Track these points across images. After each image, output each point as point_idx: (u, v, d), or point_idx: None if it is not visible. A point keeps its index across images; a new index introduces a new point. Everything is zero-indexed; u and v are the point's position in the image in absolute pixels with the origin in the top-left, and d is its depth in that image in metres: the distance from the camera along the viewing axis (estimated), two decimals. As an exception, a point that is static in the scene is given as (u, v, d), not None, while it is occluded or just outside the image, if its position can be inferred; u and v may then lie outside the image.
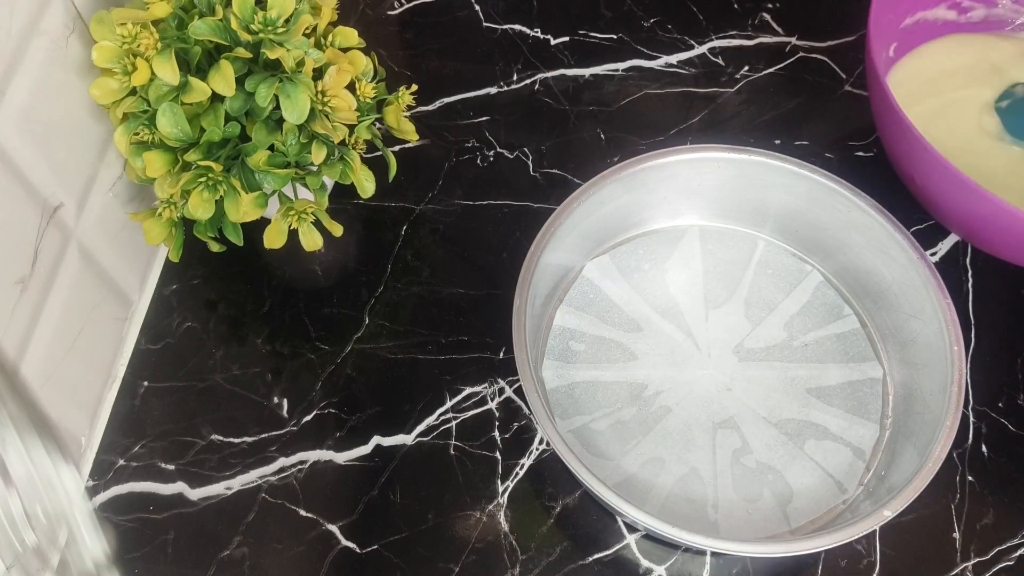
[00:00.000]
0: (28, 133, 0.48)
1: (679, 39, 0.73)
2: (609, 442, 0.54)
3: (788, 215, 0.59)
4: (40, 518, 0.44)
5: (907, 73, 0.66)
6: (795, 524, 0.51)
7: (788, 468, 0.53)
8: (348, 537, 0.53)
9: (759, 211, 0.60)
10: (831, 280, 0.59)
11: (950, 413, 0.48)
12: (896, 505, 0.46)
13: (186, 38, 0.49)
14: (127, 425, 0.56)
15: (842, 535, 0.45)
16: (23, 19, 0.46)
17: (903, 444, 0.52)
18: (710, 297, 0.59)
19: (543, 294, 0.56)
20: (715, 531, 0.51)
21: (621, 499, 0.45)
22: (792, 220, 0.59)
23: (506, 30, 0.73)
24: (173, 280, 0.62)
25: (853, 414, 0.55)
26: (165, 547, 0.53)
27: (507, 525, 0.53)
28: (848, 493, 0.52)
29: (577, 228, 0.56)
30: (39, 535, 0.44)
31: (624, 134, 0.68)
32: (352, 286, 0.61)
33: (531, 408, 0.48)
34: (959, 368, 0.50)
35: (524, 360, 0.49)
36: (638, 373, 0.57)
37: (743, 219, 0.60)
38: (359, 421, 0.56)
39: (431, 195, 0.65)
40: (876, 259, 0.56)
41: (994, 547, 0.52)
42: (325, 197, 0.55)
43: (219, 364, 0.58)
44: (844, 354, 0.57)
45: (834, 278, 0.59)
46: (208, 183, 0.50)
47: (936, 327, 0.51)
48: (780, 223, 0.60)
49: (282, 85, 0.49)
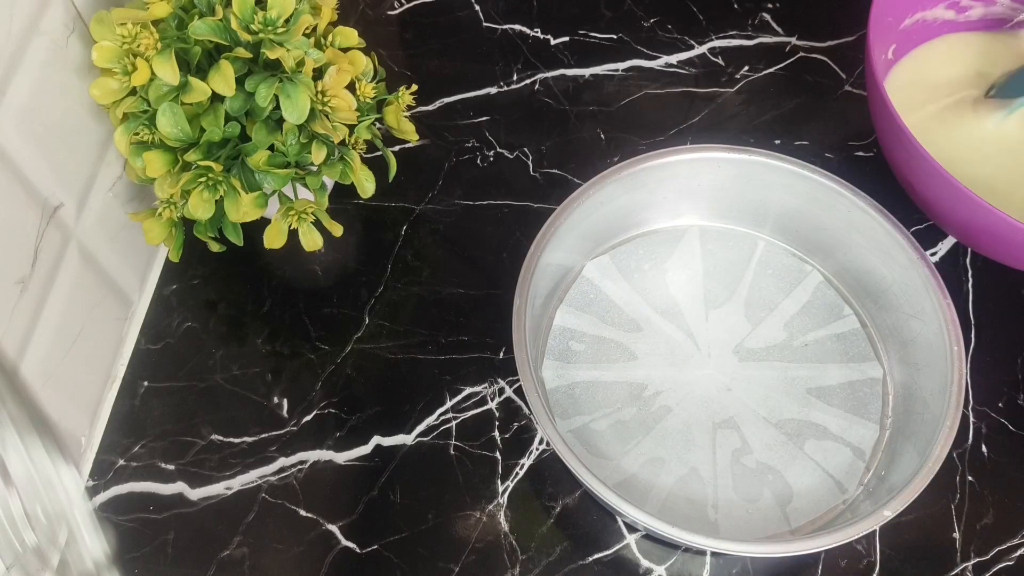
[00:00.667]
0: (28, 133, 0.48)
1: (679, 39, 0.73)
2: (609, 442, 0.54)
3: (788, 215, 0.59)
4: (40, 518, 0.44)
5: (906, 77, 0.66)
6: (795, 524, 0.51)
7: (788, 468, 0.53)
8: (348, 537, 0.53)
9: (759, 211, 0.60)
10: (831, 280, 0.59)
11: (950, 413, 0.48)
12: (896, 505, 0.46)
13: (186, 38, 0.49)
14: (127, 425, 0.56)
15: (842, 535, 0.45)
16: (23, 19, 0.46)
17: (903, 444, 0.52)
18: (710, 297, 0.59)
19: (543, 294, 0.56)
20: (715, 531, 0.51)
21: (621, 499, 0.45)
22: (792, 220, 0.59)
23: (506, 30, 0.73)
24: (173, 280, 0.62)
25: (853, 414, 0.55)
26: (165, 547, 0.53)
27: (507, 525, 0.53)
28: (848, 493, 0.52)
29: (577, 228, 0.56)
30: (39, 535, 0.44)
31: (624, 134, 0.68)
32: (352, 286, 0.61)
33: (531, 408, 0.48)
34: (959, 368, 0.50)
35: (524, 360, 0.49)
36: (638, 373, 0.57)
37: (743, 219, 0.60)
38: (359, 421, 0.56)
39: (431, 195, 0.65)
40: (876, 259, 0.56)
41: (994, 547, 0.52)
42: (325, 197, 0.55)
43: (219, 364, 0.58)
44: (844, 354, 0.57)
45: (834, 278, 0.59)
46: (208, 183, 0.50)
47: (936, 327, 0.52)
48: (780, 223, 0.60)
49: (282, 85, 0.49)
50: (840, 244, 0.58)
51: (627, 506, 0.45)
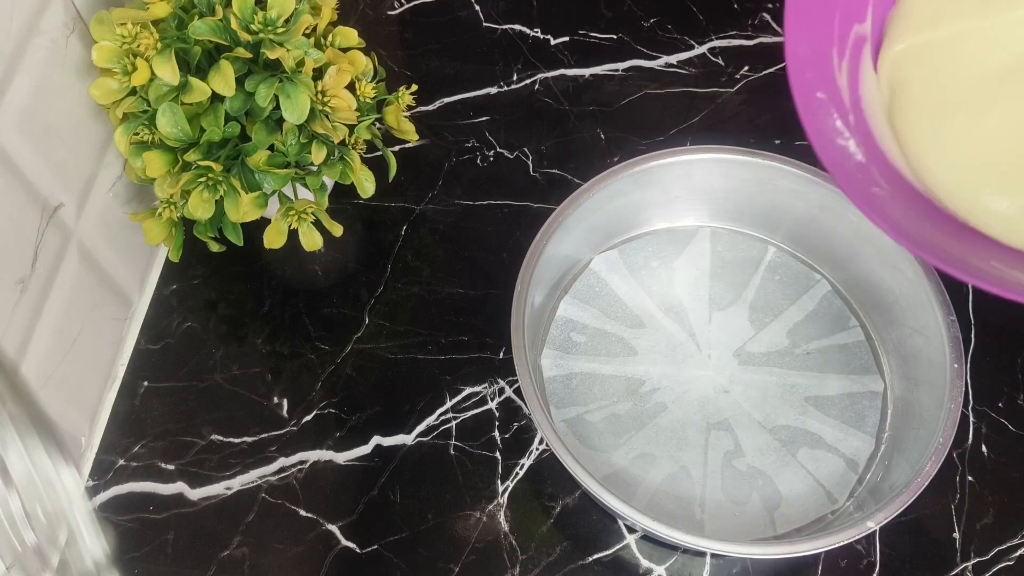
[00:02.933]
0: (28, 133, 0.48)
1: (679, 39, 0.73)
2: (602, 434, 0.54)
3: (801, 222, 0.58)
4: (40, 518, 0.45)
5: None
6: (781, 530, 0.51)
7: (779, 474, 0.53)
8: (348, 537, 0.53)
9: (772, 217, 0.59)
10: (839, 290, 0.59)
11: (945, 431, 0.48)
12: (881, 517, 0.46)
13: (186, 38, 0.49)
14: (127, 425, 0.56)
15: (823, 541, 0.45)
16: (23, 19, 0.46)
17: (898, 459, 0.52)
18: (715, 299, 0.59)
19: (549, 284, 0.56)
20: (700, 531, 0.51)
21: (605, 490, 0.46)
22: (805, 228, 0.59)
23: (506, 30, 0.73)
24: (173, 280, 0.62)
25: (849, 425, 0.55)
26: (165, 547, 0.53)
27: (507, 525, 0.53)
28: (838, 504, 0.52)
29: (586, 220, 0.56)
30: (39, 535, 0.44)
31: (624, 134, 0.68)
32: (352, 286, 0.61)
33: (523, 393, 0.48)
34: (958, 387, 0.49)
35: (520, 345, 0.49)
36: (637, 369, 0.57)
37: (756, 224, 0.60)
38: (359, 421, 0.56)
39: (431, 195, 0.65)
40: (885, 272, 0.55)
41: (994, 547, 0.52)
42: (325, 197, 0.55)
43: (219, 364, 0.58)
44: (846, 365, 0.57)
45: (843, 288, 0.59)
46: (208, 183, 0.50)
47: (938, 344, 0.51)
48: (793, 230, 0.59)
49: (282, 85, 0.49)
50: (850, 254, 0.57)
51: (611, 497, 0.45)
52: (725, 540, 0.46)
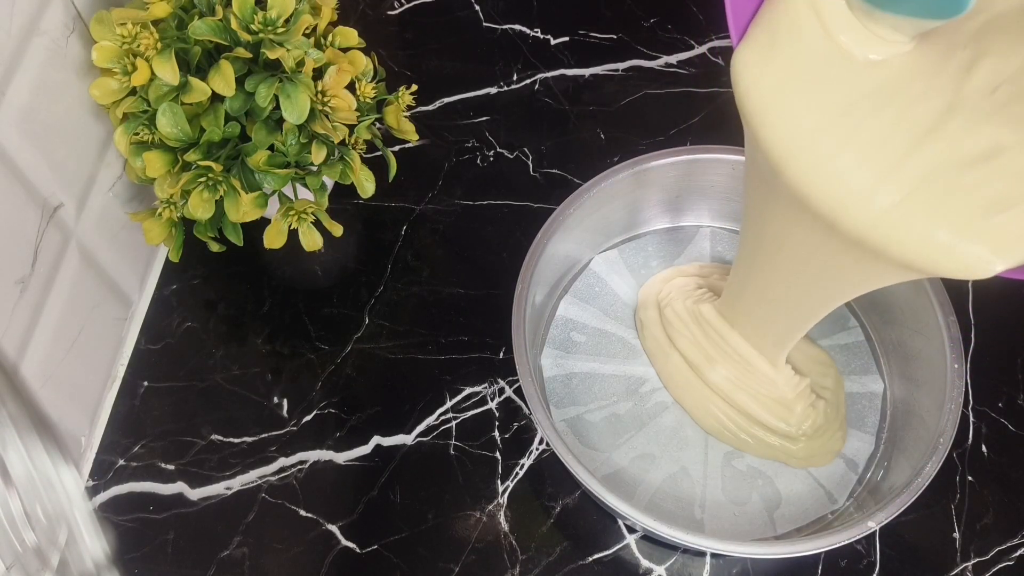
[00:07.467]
0: (28, 133, 0.48)
1: (679, 39, 0.73)
2: (602, 434, 0.54)
3: None
4: (40, 518, 0.44)
5: None
6: (781, 530, 0.51)
7: (779, 474, 0.53)
8: (348, 537, 0.53)
9: None
10: None
11: (945, 431, 0.48)
12: (880, 518, 0.46)
13: (186, 38, 0.49)
14: (127, 425, 0.56)
15: (824, 541, 0.45)
16: (23, 19, 0.46)
17: (897, 459, 0.52)
18: (715, 298, 0.59)
19: (549, 283, 0.56)
20: (700, 531, 0.51)
21: (606, 489, 0.46)
22: None
23: (506, 30, 0.73)
24: (173, 280, 0.62)
25: (849, 426, 0.55)
26: (165, 547, 0.53)
27: (507, 525, 0.53)
28: (838, 504, 0.52)
29: (586, 220, 0.56)
30: (39, 535, 0.44)
31: (624, 134, 0.68)
32: (352, 286, 0.61)
33: (524, 393, 0.48)
34: (958, 387, 0.49)
35: (520, 344, 0.49)
36: (637, 369, 0.57)
37: None
38: (359, 421, 0.56)
39: (431, 195, 0.65)
40: None
41: (994, 547, 0.52)
42: (325, 197, 0.55)
43: (219, 364, 0.58)
44: (846, 365, 0.57)
45: None
46: (208, 183, 0.50)
47: (938, 344, 0.51)
48: None
49: (282, 85, 0.49)
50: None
51: (612, 497, 0.45)
52: (725, 540, 0.46)
